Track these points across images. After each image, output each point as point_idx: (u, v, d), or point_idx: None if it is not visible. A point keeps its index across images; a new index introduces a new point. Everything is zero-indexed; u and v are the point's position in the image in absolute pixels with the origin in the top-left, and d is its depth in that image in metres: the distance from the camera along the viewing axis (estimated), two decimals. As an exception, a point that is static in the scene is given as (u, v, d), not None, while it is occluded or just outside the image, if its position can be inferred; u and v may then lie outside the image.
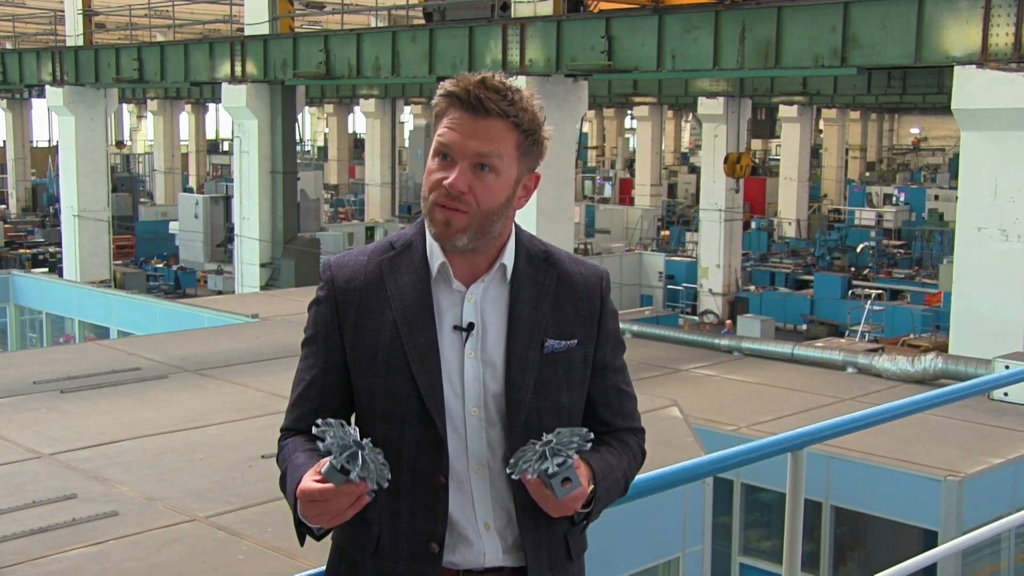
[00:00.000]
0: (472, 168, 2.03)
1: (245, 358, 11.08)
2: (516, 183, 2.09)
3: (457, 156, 2.03)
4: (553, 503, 1.97)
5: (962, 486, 8.48)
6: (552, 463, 1.93)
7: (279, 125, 20.40)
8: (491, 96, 2.02)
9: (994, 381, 4.36)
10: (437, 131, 2.06)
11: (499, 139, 2.03)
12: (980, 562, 8.91)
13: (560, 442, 1.95)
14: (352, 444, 1.89)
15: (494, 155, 2.03)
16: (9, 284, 19.65)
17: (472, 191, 2.03)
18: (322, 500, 1.91)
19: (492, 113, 2.02)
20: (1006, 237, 11.64)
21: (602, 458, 2.11)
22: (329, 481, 1.89)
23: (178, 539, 6.17)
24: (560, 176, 16.26)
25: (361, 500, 1.92)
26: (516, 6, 16.05)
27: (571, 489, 1.94)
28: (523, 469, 1.95)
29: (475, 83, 2.03)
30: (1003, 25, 11.38)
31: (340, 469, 1.88)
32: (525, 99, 2.06)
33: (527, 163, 2.10)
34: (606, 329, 2.20)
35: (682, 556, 7.96)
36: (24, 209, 43.04)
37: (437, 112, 2.08)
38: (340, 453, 1.88)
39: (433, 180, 2.05)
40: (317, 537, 2.07)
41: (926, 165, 53.66)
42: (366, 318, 2.10)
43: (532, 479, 1.94)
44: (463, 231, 2.04)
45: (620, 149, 53.01)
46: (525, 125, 2.05)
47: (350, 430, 1.90)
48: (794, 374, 12.29)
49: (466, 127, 2.03)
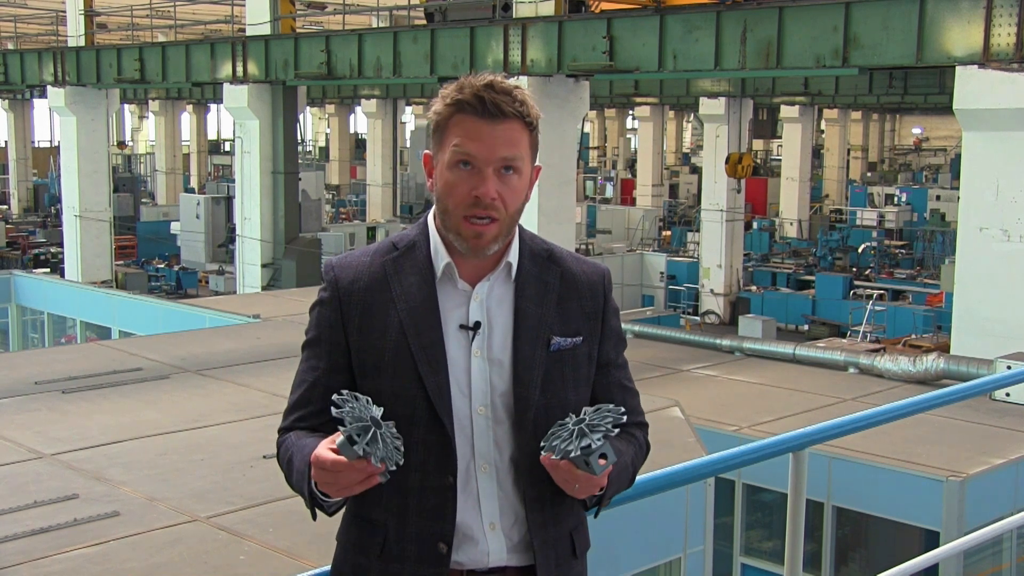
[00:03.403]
0: (497, 173, 2.04)
1: (246, 358, 11.07)
2: (531, 179, 2.12)
3: (482, 164, 2.03)
4: (582, 481, 1.97)
5: (964, 486, 8.47)
6: (593, 439, 1.93)
7: (280, 125, 20.41)
8: (504, 99, 2.03)
9: (996, 381, 4.35)
10: (450, 142, 2.04)
11: (518, 140, 2.05)
12: (982, 563, 8.90)
13: (594, 418, 1.96)
14: (369, 420, 1.89)
15: (517, 157, 2.05)
16: (11, 284, 19.65)
17: (500, 196, 2.04)
18: (334, 471, 1.91)
19: (508, 116, 2.03)
20: (1008, 237, 11.64)
21: (613, 442, 2.11)
22: (342, 453, 1.89)
23: (179, 539, 6.16)
24: (562, 176, 16.26)
25: (372, 478, 1.92)
26: (517, 6, 16.05)
27: (607, 465, 1.95)
28: (563, 449, 1.95)
29: (483, 87, 2.03)
30: (1005, 25, 11.37)
31: (350, 441, 1.88)
32: (527, 95, 2.08)
33: (534, 157, 2.13)
34: (609, 326, 2.21)
35: (683, 556, 7.95)
36: (26, 209, 43.05)
37: (439, 122, 2.06)
38: (356, 430, 1.88)
39: (460, 193, 2.04)
40: (329, 514, 2.07)
41: (928, 165, 53.63)
42: (371, 319, 2.10)
43: (560, 463, 1.94)
44: (495, 239, 2.07)
45: (621, 149, 52.98)
46: (534, 122, 2.08)
47: (371, 406, 1.90)
48: (796, 374, 12.28)
49: (485, 133, 2.03)
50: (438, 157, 2.08)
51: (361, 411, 1.88)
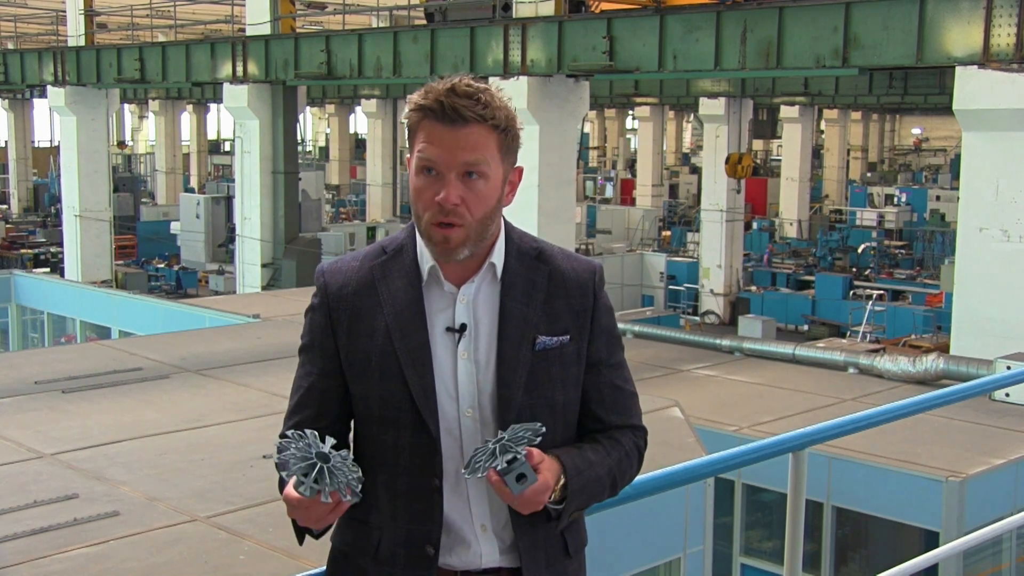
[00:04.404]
0: (460, 178, 2.01)
1: (246, 358, 11.08)
2: (503, 182, 2.08)
3: (443, 169, 2.01)
4: (513, 499, 1.95)
5: (963, 487, 8.47)
6: (501, 460, 1.92)
7: (280, 125, 20.41)
8: (465, 103, 1.99)
9: (995, 382, 4.35)
10: (416, 147, 2.04)
11: (482, 145, 2.01)
12: (981, 563, 8.90)
13: (512, 438, 1.93)
14: (314, 457, 1.90)
15: (480, 162, 2.02)
16: (11, 284, 19.65)
17: (464, 202, 2.01)
18: (301, 508, 1.94)
19: (469, 120, 2.00)
20: (1007, 237, 11.64)
21: (580, 454, 2.08)
22: (300, 493, 1.92)
23: (179, 539, 6.16)
24: (561, 176, 16.26)
25: (341, 506, 1.95)
26: (517, 6, 16.04)
27: (526, 485, 1.92)
28: (475, 468, 1.93)
29: (445, 92, 2.00)
30: (1005, 26, 11.37)
31: (302, 485, 1.91)
32: (496, 97, 2.04)
33: (509, 160, 2.09)
34: (599, 324, 2.17)
35: (683, 556, 7.95)
36: (26, 209, 43.05)
37: (410, 127, 2.05)
38: (302, 470, 1.90)
39: (425, 199, 2.03)
40: (316, 536, 2.09)
41: (927, 165, 53.63)
42: (359, 324, 2.10)
43: (495, 479, 1.93)
44: (462, 244, 2.04)
45: (621, 149, 53.01)
46: (502, 124, 2.03)
47: (313, 441, 1.91)
48: (795, 375, 12.29)
49: (446, 139, 2.00)
50: (410, 161, 2.08)
51: (305, 450, 1.90)
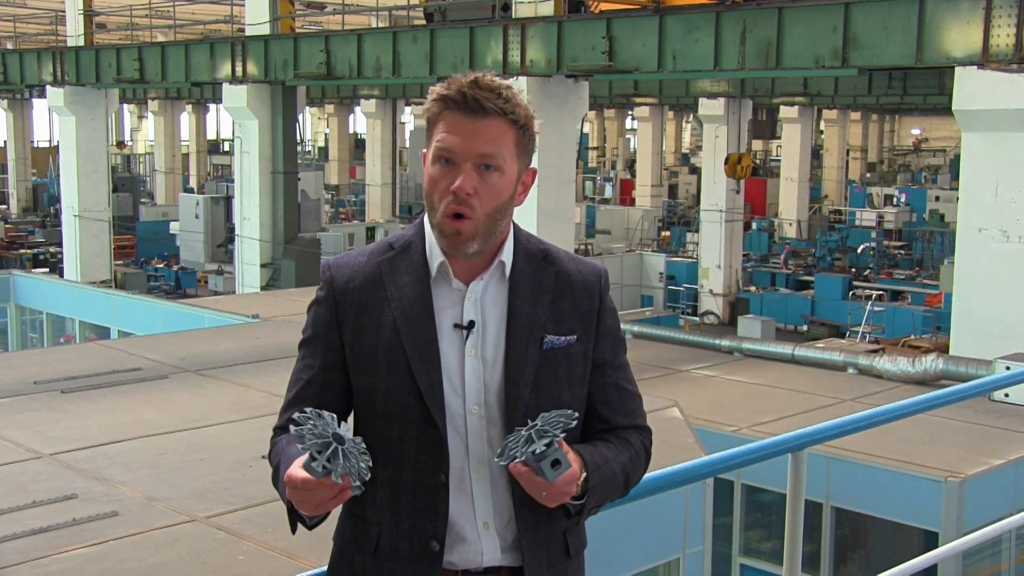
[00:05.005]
0: (476, 169, 2.03)
1: (246, 358, 11.07)
2: (517, 180, 2.10)
3: (460, 159, 2.03)
4: (545, 489, 1.95)
5: (963, 487, 8.47)
6: (539, 444, 1.92)
7: (280, 125, 20.41)
8: (487, 95, 2.01)
9: (995, 382, 4.36)
10: (434, 137, 2.05)
11: (499, 138, 2.03)
12: (981, 563, 8.91)
13: (546, 423, 1.94)
14: (330, 437, 1.89)
15: (497, 155, 2.03)
16: (10, 284, 19.64)
17: (477, 193, 2.03)
18: (304, 489, 1.92)
19: (490, 112, 2.02)
20: (1007, 238, 11.64)
21: (596, 450, 2.10)
22: (308, 473, 1.90)
23: (178, 539, 6.16)
24: (561, 176, 16.25)
25: (344, 493, 1.93)
26: (517, 6, 16.04)
27: (561, 471, 1.92)
28: (511, 455, 1.93)
29: (468, 83, 2.02)
30: (1004, 26, 11.37)
31: (312, 459, 1.89)
32: (518, 95, 2.06)
33: (525, 160, 2.11)
34: (605, 326, 2.19)
35: (682, 557, 7.95)
36: (25, 209, 43.04)
37: (430, 118, 2.07)
38: (316, 447, 1.89)
39: (441, 188, 2.04)
40: (309, 527, 2.07)
41: (927, 166, 53.64)
42: (365, 318, 2.11)
43: (523, 470, 1.93)
44: (472, 238, 2.05)
45: (621, 150, 53.00)
46: (522, 120, 2.05)
47: (330, 421, 1.90)
48: (795, 375, 12.29)
49: (466, 129, 2.02)
50: (427, 153, 2.09)
51: (322, 428, 1.89)
